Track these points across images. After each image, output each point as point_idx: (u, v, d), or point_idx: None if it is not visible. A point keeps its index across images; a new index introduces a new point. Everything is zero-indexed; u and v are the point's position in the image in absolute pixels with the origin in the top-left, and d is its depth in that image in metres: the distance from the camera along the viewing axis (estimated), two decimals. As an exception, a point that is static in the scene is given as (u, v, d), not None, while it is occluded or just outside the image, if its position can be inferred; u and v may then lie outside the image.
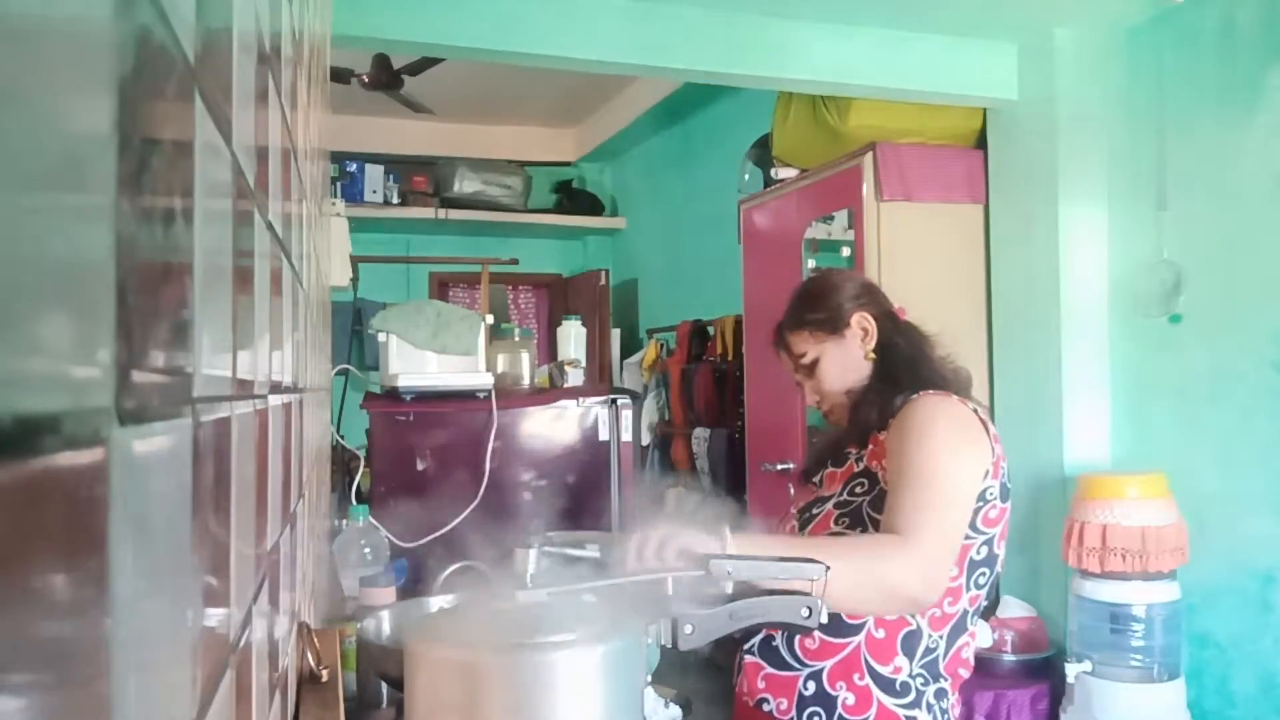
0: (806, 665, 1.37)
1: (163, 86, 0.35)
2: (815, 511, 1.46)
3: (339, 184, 5.11)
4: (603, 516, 3.22)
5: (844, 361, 1.54)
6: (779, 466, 3.55)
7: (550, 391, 3.29)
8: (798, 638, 1.37)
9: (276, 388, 0.80)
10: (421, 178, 5.62)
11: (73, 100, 0.26)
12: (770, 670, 1.39)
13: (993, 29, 3.00)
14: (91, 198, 0.27)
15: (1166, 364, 2.81)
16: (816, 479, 1.58)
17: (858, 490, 1.43)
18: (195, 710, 0.41)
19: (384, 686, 1.50)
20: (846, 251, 3.32)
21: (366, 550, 2.21)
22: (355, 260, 2.95)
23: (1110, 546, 2.55)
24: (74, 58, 0.25)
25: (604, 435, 3.20)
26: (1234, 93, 2.63)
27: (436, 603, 1.54)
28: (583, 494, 3.17)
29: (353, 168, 5.30)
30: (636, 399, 3.51)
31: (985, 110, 3.21)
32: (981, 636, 2.73)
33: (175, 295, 0.38)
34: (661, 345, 5.02)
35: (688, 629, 0.95)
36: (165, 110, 0.36)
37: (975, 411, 1.42)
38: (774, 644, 1.40)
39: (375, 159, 5.42)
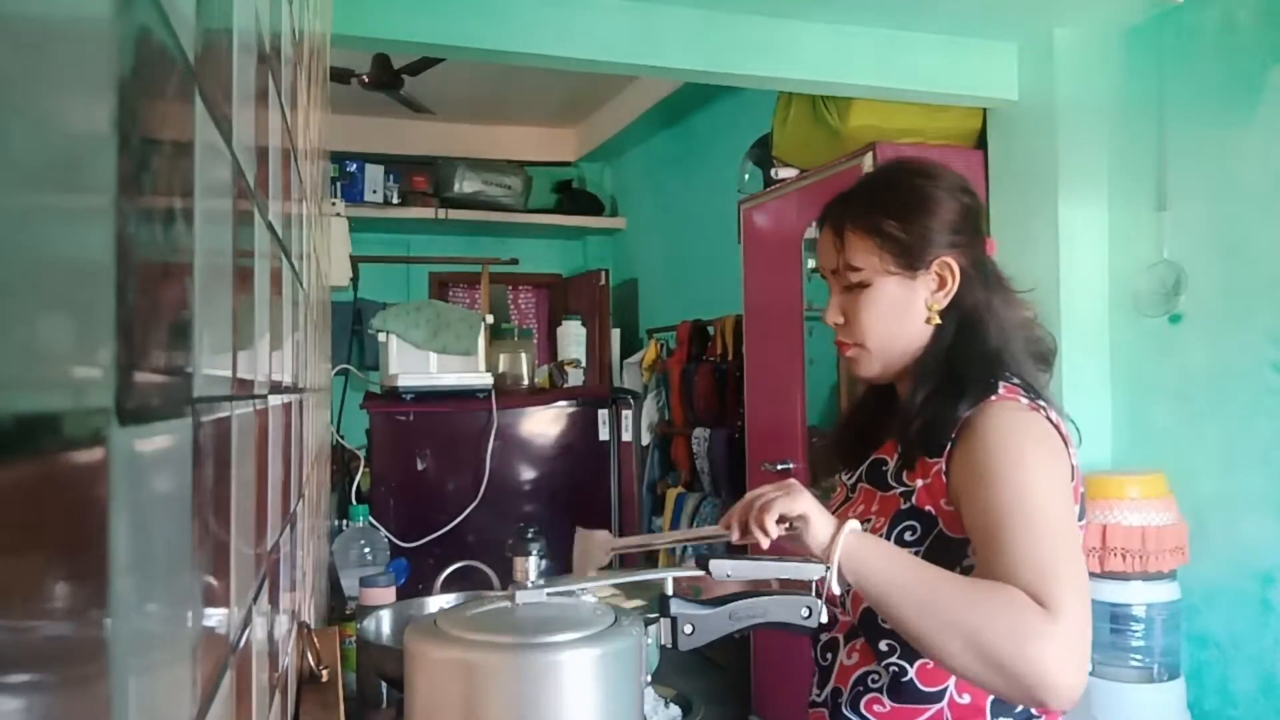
0: None
1: (163, 86, 0.35)
2: None
3: (339, 184, 5.11)
4: (603, 516, 3.22)
5: (901, 308, 1.20)
6: (779, 466, 3.55)
7: (550, 391, 3.29)
8: (865, 699, 1.17)
9: (276, 388, 0.80)
10: (421, 178, 5.63)
11: (73, 100, 0.26)
12: None
13: (992, 29, 3.00)
14: (91, 198, 0.27)
15: (1166, 364, 2.81)
16: (850, 480, 1.30)
17: (908, 537, 1.14)
18: (195, 710, 0.41)
19: (384, 686, 1.50)
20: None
21: (366, 550, 2.21)
22: (355, 260, 2.95)
23: (1110, 546, 2.55)
24: (74, 58, 0.25)
25: (604, 435, 3.20)
26: (1234, 93, 2.63)
27: (436, 603, 1.54)
28: (583, 494, 3.18)
29: (353, 168, 5.30)
30: (636, 399, 3.51)
31: (985, 110, 3.22)
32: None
33: (175, 295, 0.38)
34: (661, 345, 5.02)
35: (688, 629, 0.95)
36: (165, 110, 0.36)
37: (1049, 419, 1.13)
38: (839, 700, 1.20)
39: (375, 159, 5.42)
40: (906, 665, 1.14)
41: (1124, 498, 2.58)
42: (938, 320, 1.19)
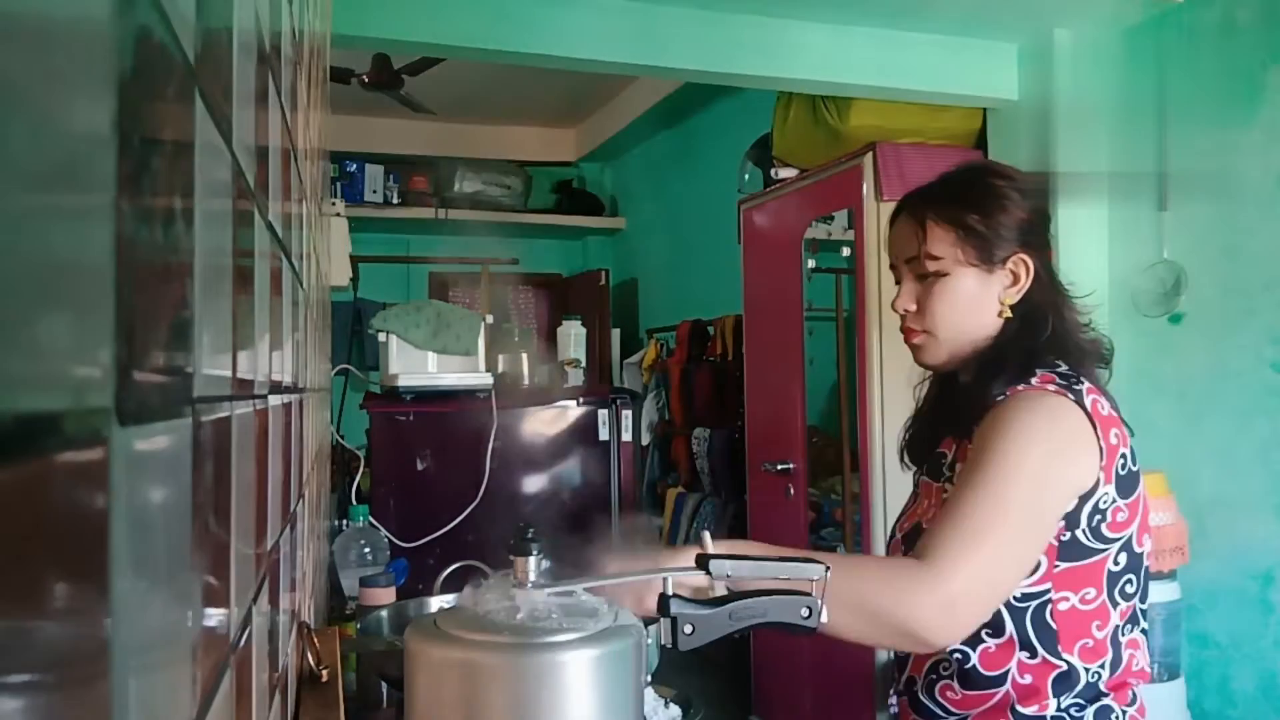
0: (951, 713, 1.22)
1: (163, 86, 0.35)
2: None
3: (339, 184, 5.12)
4: (602, 517, 3.22)
5: (975, 300, 1.24)
6: (779, 466, 3.55)
7: (550, 391, 3.29)
8: (939, 686, 1.23)
9: (276, 388, 0.80)
10: (421, 178, 5.63)
11: (73, 100, 0.25)
12: (917, 718, 1.27)
13: (993, 29, 3.00)
14: (91, 198, 0.27)
15: (1166, 364, 2.81)
16: (917, 476, 1.34)
17: None
18: (195, 710, 0.41)
19: (384, 686, 1.50)
20: (846, 251, 3.32)
21: (366, 550, 2.21)
22: (355, 260, 2.95)
23: (1110, 546, 2.55)
24: (74, 58, 0.25)
25: (604, 435, 3.20)
26: (1234, 93, 2.63)
27: (436, 603, 1.54)
28: (583, 494, 3.17)
29: (353, 168, 5.31)
30: (636, 399, 3.51)
31: (985, 110, 3.21)
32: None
33: (175, 295, 0.38)
34: (661, 345, 5.02)
35: (688, 629, 0.95)
36: (165, 110, 0.36)
37: (1080, 404, 1.18)
38: (915, 688, 1.26)
39: (375, 159, 5.42)
40: (969, 651, 1.19)
41: (1124, 498, 2.57)
42: (1009, 314, 1.24)
